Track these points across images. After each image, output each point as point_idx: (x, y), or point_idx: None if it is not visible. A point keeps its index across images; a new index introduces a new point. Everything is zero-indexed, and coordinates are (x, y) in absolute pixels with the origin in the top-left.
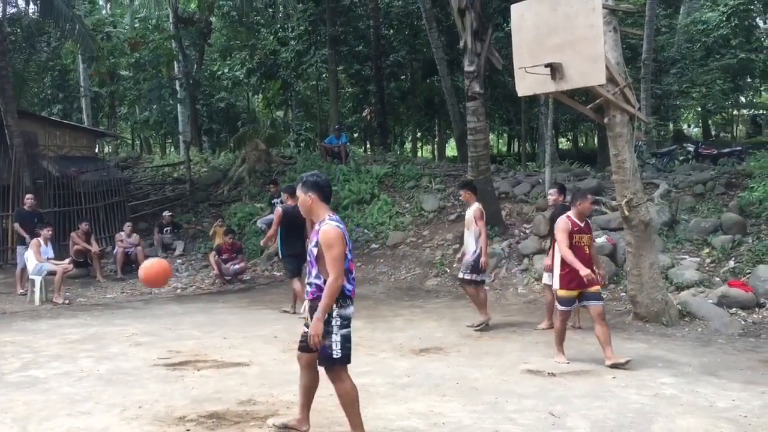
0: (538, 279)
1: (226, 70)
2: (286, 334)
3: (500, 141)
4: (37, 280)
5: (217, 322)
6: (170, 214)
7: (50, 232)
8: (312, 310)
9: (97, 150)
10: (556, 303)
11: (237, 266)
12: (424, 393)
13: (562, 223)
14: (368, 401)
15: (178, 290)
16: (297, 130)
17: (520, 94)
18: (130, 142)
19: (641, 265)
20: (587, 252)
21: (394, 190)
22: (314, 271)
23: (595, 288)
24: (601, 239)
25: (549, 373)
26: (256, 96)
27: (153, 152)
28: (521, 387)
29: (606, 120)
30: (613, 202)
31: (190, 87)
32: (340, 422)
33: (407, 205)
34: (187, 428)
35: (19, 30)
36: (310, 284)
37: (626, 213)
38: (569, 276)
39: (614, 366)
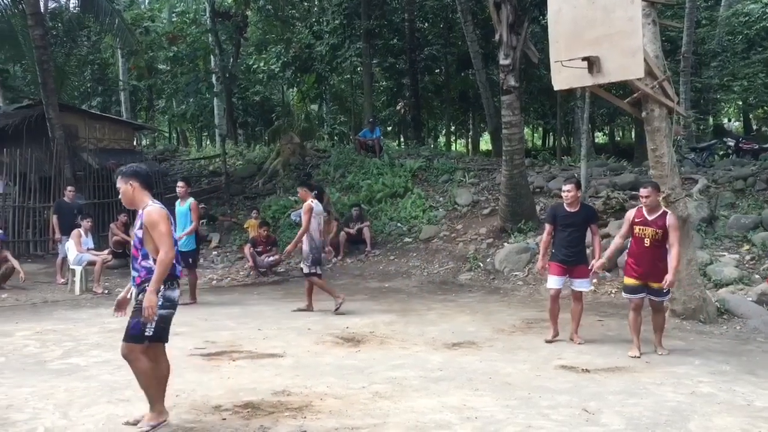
0: None
1: (262, 64)
2: (320, 326)
3: (535, 135)
4: (78, 269)
5: (251, 314)
6: (205, 206)
7: (90, 223)
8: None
9: (135, 143)
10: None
11: (271, 258)
12: (456, 387)
13: (627, 212)
14: (401, 394)
15: (214, 281)
16: (331, 123)
17: (556, 88)
18: (167, 135)
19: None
20: (646, 246)
21: (427, 184)
22: (140, 255)
23: (659, 284)
24: None
25: (583, 369)
26: (290, 89)
27: (189, 145)
28: (555, 383)
29: (644, 114)
30: None
31: (226, 81)
32: (373, 414)
33: (441, 198)
34: (223, 417)
35: (60, 24)
36: (136, 269)
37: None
38: (628, 264)
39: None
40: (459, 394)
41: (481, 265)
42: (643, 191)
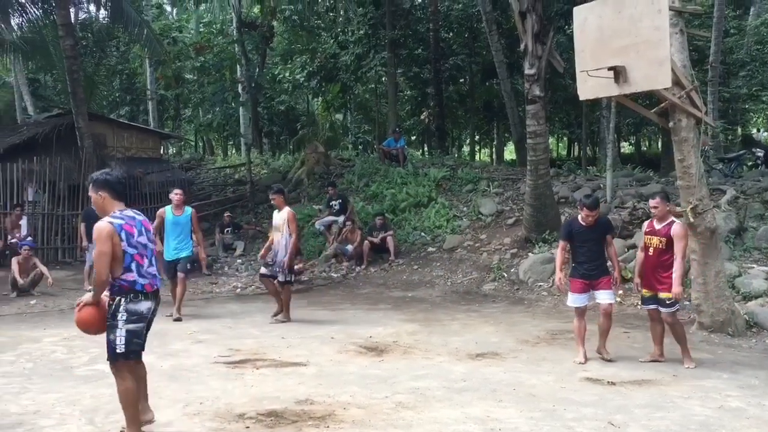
0: None
1: (287, 74)
2: (343, 335)
3: (560, 144)
4: None
5: (275, 322)
6: (230, 214)
7: None
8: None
9: (162, 151)
10: None
11: (295, 267)
12: (480, 398)
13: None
14: (425, 405)
15: (238, 290)
16: (355, 132)
17: (581, 98)
18: (193, 143)
19: (707, 274)
20: (650, 254)
21: (451, 194)
22: None
23: (665, 294)
24: None
25: (609, 382)
26: (315, 99)
27: (215, 154)
28: (580, 395)
29: (671, 124)
30: (678, 209)
31: (252, 90)
32: (396, 424)
33: (465, 208)
34: (247, 425)
35: (90, 35)
36: None
37: (691, 220)
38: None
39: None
40: (482, 406)
41: (505, 275)
42: (651, 201)
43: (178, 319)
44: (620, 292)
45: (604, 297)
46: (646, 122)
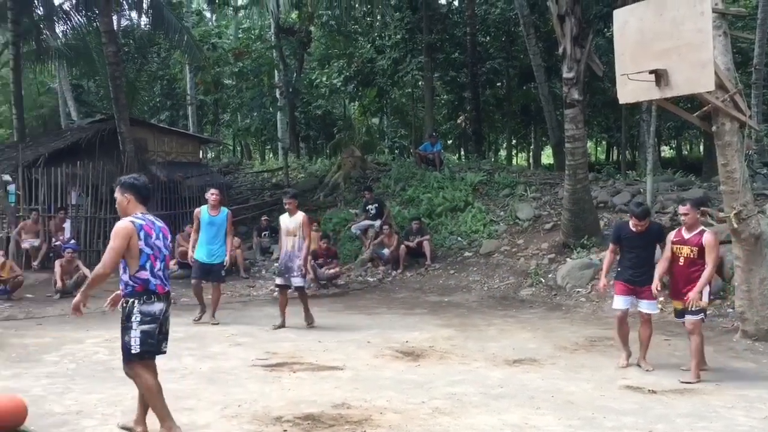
0: None
1: (324, 78)
2: (379, 339)
3: (598, 149)
4: None
5: (275, 328)
6: (268, 218)
7: None
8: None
9: (201, 156)
10: None
11: (331, 271)
12: (517, 404)
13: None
14: (461, 411)
15: (275, 293)
16: (392, 137)
17: (621, 102)
18: (231, 148)
19: (751, 281)
20: (680, 265)
21: (488, 198)
22: (121, 267)
23: (683, 303)
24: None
25: (649, 390)
26: (352, 103)
27: (253, 158)
28: (620, 403)
29: (714, 128)
30: (721, 214)
31: (289, 95)
32: (433, 430)
33: (501, 213)
34: (284, 428)
35: (132, 41)
36: (121, 282)
37: (735, 225)
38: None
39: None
40: (520, 412)
41: (543, 280)
42: (681, 209)
43: (216, 323)
44: (661, 299)
45: (646, 307)
46: (687, 126)
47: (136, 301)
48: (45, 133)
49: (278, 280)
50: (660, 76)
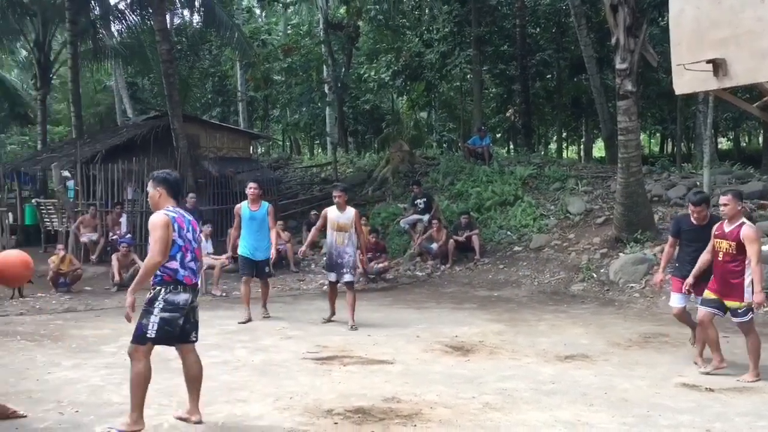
0: None
1: (372, 73)
2: (428, 333)
3: (652, 141)
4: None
5: (360, 320)
6: (317, 213)
7: (210, 229)
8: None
9: (251, 151)
10: None
11: (380, 265)
12: (570, 401)
13: None
14: (512, 406)
15: (324, 287)
16: (440, 131)
17: (677, 93)
18: (281, 143)
19: None
20: (719, 260)
21: (538, 192)
22: None
23: (735, 303)
24: (766, 247)
25: (707, 388)
26: (400, 98)
27: (302, 153)
28: (675, 401)
29: None
30: None
31: (338, 90)
32: (484, 425)
33: (552, 207)
34: (335, 421)
35: (184, 39)
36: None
37: None
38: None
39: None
40: (572, 409)
41: (595, 275)
42: (722, 198)
43: (268, 316)
44: None
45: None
46: (745, 116)
47: (163, 290)
48: (102, 130)
49: (330, 277)
50: (718, 66)
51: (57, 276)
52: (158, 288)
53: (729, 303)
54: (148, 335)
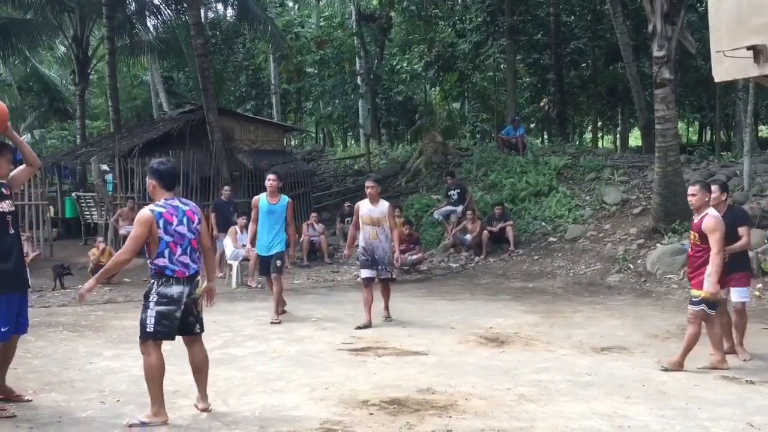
0: None
1: (405, 64)
2: (463, 325)
3: (690, 129)
4: (234, 264)
5: (395, 311)
6: (350, 204)
7: (245, 221)
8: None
9: (285, 143)
10: None
11: (414, 257)
12: (606, 393)
13: None
14: (548, 398)
15: (358, 279)
16: (473, 121)
17: (717, 80)
18: (314, 135)
19: None
20: (689, 252)
21: (573, 182)
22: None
23: (695, 291)
24: None
25: (747, 381)
26: (433, 88)
27: (335, 145)
28: (715, 394)
29: None
30: None
31: (370, 82)
32: (519, 417)
33: (587, 197)
34: (370, 412)
35: (218, 33)
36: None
37: None
38: None
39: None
40: (609, 401)
41: (631, 266)
42: (690, 189)
43: (277, 323)
44: (759, 285)
45: (735, 296)
46: None
47: (155, 283)
48: (139, 124)
49: (364, 273)
50: (759, 52)
51: (97, 268)
52: (152, 281)
53: (692, 291)
54: (147, 330)
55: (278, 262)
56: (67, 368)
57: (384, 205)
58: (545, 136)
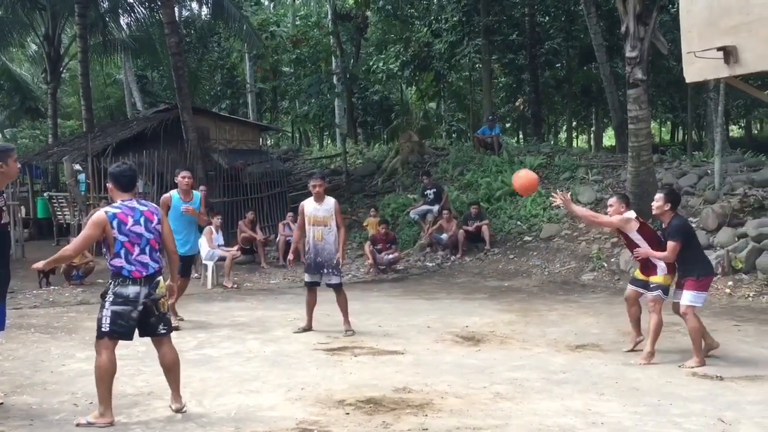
0: None
1: (381, 64)
2: (439, 324)
3: (663, 129)
4: (210, 265)
5: (371, 310)
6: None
7: (220, 221)
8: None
9: (261, 143)
10: None
11: (391, 256)
12: (581, 390)
13: None
14: (523, 396)
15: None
16: (449, 121)
17: (688, 81)
18: (290, 135)
19: None
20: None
21: (548, 182)
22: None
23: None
24: None
25: (717, 377)
26: (409, 88)
27: (311, 145)
28: (687, 390)
29: None
30: None
31: (346, 81)
32: (495, 415)
33: None
34: (347, 411)
35: (193, 31)
36: None
37: None
38: None
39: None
40: (583, 398)
41: (605, 265)
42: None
43: (176, 328)
44: (730, 283)
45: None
46: (757, 104)
47: (113, 283)
48: (112, 124)
49: (307, 278)
50: (729, 54)
51: (70, 269)
52: (110, 281)
53: (650, 279)
54: (102, 329)
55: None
56: (39, 370)
57: (330, 202)
58: (521, 136)
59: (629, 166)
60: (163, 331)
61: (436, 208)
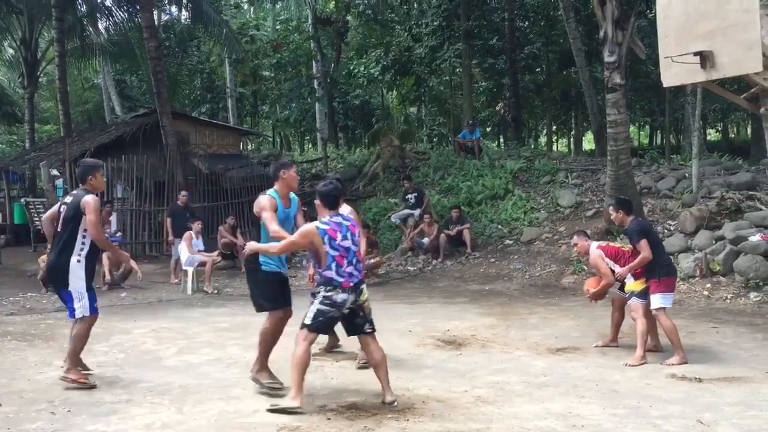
0: (684, 279)
1: (362, 68)
2: (420, 328)
3: (641, 133)
4: (190, 270)
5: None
6: (306, 210)
7: (201, 226)
8: None
9: (241, 147)
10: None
11: (372, 261)
12: (561, 393)
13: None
14: (504, 399)
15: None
16: (430, 125)
17: (665, 85)
18: (271, 139)
19: None
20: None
21: (528, 186)
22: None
23: None
24: (755, 237)
25: (696, 379)
26: (390, 92)
27: (292, 149)
28: (666, 392)
29: (762, 110)
30: None
31: (327, 85)
32: (476, 418)
33: (542, 200)
34: (328, 417)
35: (172, 36)
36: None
37: None
38: None
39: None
40: (564, 401)
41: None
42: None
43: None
44: (708, 285)
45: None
46: (734, 108)
47: (324, 288)
48: (90, 128)
49: None
50: (705, 58)
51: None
52: (319, 286)
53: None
54: (305, 320)
55: None
56: (15, 378)
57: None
58: (501, 140)
59: (608, 169)
60: (368, 330)
61: (417, 212)
